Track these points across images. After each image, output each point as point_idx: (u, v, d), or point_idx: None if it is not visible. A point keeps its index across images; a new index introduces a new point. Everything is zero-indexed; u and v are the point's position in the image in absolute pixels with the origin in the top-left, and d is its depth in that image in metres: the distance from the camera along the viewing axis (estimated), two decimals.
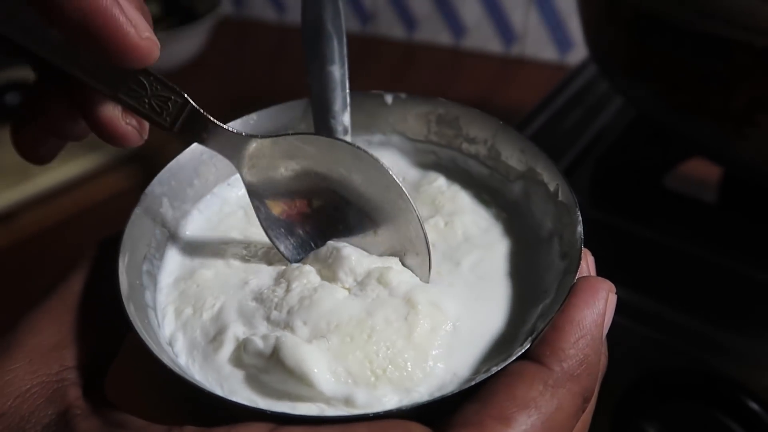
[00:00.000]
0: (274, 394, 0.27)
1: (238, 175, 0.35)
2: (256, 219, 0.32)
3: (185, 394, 0.26)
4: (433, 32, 1.15)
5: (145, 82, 0.28)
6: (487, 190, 0.36)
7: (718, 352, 0.45)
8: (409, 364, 0.27)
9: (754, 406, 0.43)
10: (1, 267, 0.74)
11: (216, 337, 0.29)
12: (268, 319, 0.29)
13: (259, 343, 0.27)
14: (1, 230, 0.77)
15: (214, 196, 0.36)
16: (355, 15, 1.19)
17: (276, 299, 0.30)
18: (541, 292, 0.30)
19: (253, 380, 0.28)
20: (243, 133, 0.30)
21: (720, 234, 0.52)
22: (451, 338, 0.29)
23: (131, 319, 0.26)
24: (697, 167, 0.59)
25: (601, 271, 0.29)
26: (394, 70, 1.13)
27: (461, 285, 0.31)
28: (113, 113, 0.28)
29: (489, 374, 0.24)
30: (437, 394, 0.26)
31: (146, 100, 0.28)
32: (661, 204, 0.56)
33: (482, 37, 1.12)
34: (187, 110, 0.28)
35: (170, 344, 0.30)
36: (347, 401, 0.26)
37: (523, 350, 0.25)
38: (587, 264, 0.28)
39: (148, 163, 0.86)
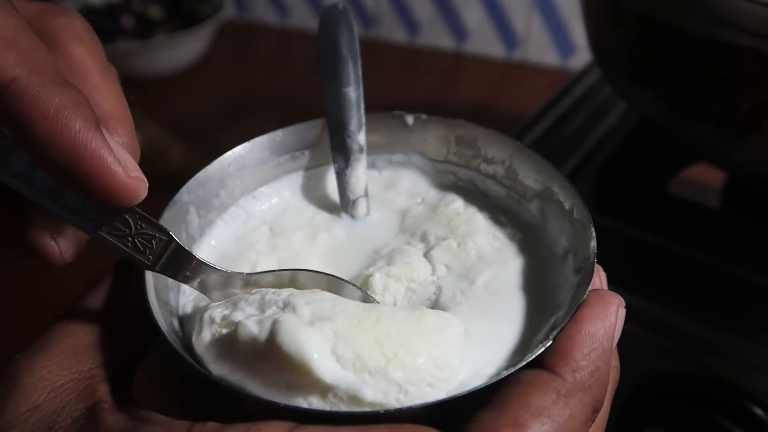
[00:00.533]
0: (267, 382, 0.26)
1: (263, 188, 0.37)
2: (283, 239, 0.34)
3: (206, 392, 0.27)
4: (435, 36, 1.16)
5: (130, 221, 0.27)
6: (503, 211, 0.36)
7: (721, 357, 0.44)
8: (422, 350, 0.27)
9: (758, 411, 0.43)
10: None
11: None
12: (263, 299, 0.28)
13: (253, 327, 0.26)
14: None
15: (238, 207, 0.36)
16: (357, 19, 1.19)
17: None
18: (555, 306, 0.30)
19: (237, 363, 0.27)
20: (228, 270, 0.30)
21: (723, 239, 0.52)
22: (463, 341, 0.28)
23: (156, 319, 0.27)
24: (701, 172, 0.59)
25: (606, 275, 0.30)
26: (396, 74, 1.13)
27: (474, 300, 0.32)
28: (42, 233, 0.28)
29: (501, 377, 0.25)
30: (449, 394, 0.26)
31: (129, 239, 0.28)
32: (664, 209, 0.56)
33: (484, 42, 1.12)
34: (171, 248, 0.28)
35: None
36: (350, 391, 0.25)
37: (536, 354, 0.25)
38: (599, 278, 0.29)
39: (150, 166, 0.86)
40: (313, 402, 0.25)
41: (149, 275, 0.28)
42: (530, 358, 0.25)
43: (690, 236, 0.52)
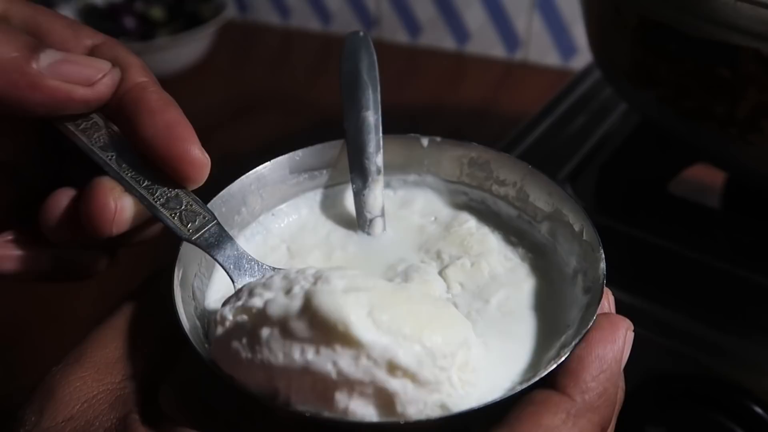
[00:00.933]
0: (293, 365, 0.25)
1: (282, 206, 0.38)
2: (300, 260, 0.36)
3: (234, 404, 0.28)
4: (437, 38, 1.16)
5: (183, 200, 0.32)
6: (514, 232, 0.37)
7: (723, 357, 0.45)
8: (456, 322, 0.27)
9: (759, 410, 0.43)
10: None
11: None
12: (287, 278, 0.28)
13: (282, 300, 0.26)
14: None
15: (258, 224, 0.38)
16: (359, 20, 1.20)
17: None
18: (564, 325, 0.31)
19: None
20: (260, 263, 0.32)
21: (725, 239, 0.52)
22: (478, 352, 0.29)
23: (185, 330, 0.28)
24: (701, 173, 0.59)
25: (609, 274, 0.30)
26: (398, 75, 1.13)
27: (489, 319, 0.33)
28: (105, 194, 0.31)
29: (515, 392, 0.26)
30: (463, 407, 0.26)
31: (177, 213, 0.31)
32: (665, 209, 0.56)
33: (486, 43, 1.13)
34: (212, 225, 0.32)
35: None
36: (386, 353, 0.24)
37: (549, 371, 0.26)
38: (608, 301, 0.30)
39: None
40: (343, 367, 0.24)
41: (178, 289, 0.29)
42: (543, 374, 0.26)
43: (691, 236, 0.52)
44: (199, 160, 0.31)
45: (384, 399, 0.25)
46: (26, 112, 0.29)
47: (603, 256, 0.30)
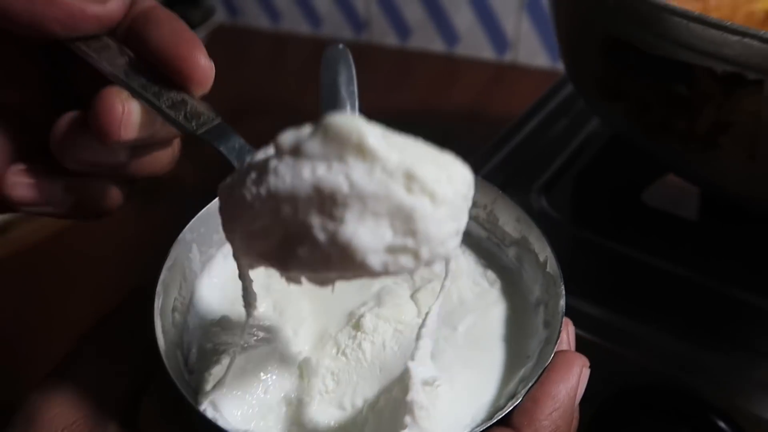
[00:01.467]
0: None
1: None
2: (277, 279, 0.36)
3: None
4: (427, 40, 1.16)
5: (188, 103, 0.32)
6: (484, 254, 0.38)
7: (695, 372, 0.45)
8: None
9: (724, 426, 0.43)
10: None
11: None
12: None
13: (292, 132, 0.24)
14: None
15: None
16: (349, 23, 1.20)
17: None
18: (525, 357, 0.32)
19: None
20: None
21: (696, 250, 0.52)
22: (444, 389, 0.30)
23: (165, 361, 0.28)
24: (676, 183, 0.59)
25: (580, 288, 0.31)
26: (388, 78, 1.14)
27: (456, 348, 0.33)
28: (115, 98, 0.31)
29: None
30: None
31: (182, 114, 0.32)
32: (639, 220, 0.56)
33: (475, 44, 1.13)
34: (216, 123, 0.32)
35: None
36: (402, 165, 0.22)
37: (503, 414, 0.28)
38: (567, 334, 0.32)
39: None
40: (356, 179, 0.22)
41: (158, 316, 0.30)
42: (500, 416, 0.27)
43: (663, 247, 0.52)
44: (204, 63, 0.32)
45: (401, 218, 0.22)
46: (42, 30, 0.31)
47: (563, 292, 0.31)
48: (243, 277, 0.29)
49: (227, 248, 0.37)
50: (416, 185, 0.22)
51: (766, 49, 0.33)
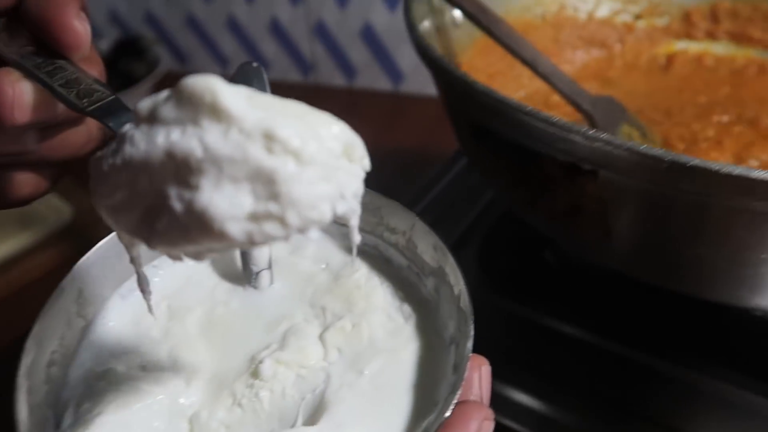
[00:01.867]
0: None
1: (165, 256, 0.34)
2: (178, 322, 0.34)
3: None
4: (372, 79, 1.17)
5: (83, 81, 0.31)
6: (403, 284, 0.37)
7: None
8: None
9: None
10: None
11: None
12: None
13: (149, 98, 0.23)
14: None
15: (133, 281, 0.35)
16: (296, 66, 1.21)
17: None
18: (432, 404, 0.30)
19: None
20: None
21: (596, 313, 0.52)
22: None
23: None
24: None
25: (489, 351, 0.30)
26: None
27: (359, 397, 0.31)
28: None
29: None
30: None
31: (74, 91, 0.31)
32: (540, 278, 0.57)
33: (420, 82, 1.14)
34: (109, 99, 0.31)
35: None
36: (261, 124, 0.21)
37: None
38: (480, 378, 0.30)
39: (80, 237, 0.88)
40: (210, 142, 0.21)
41: (23, 377, 0.28)
42: None
43: (560, 308, 0.52)
44: (76, 25, 0.31)
45: (262, 182, 0.21)
46: None
47: (472, 333, 0.29)
48: (131, 260, 0.27)
49: (126, 287, 0.35)
50: (277, 146, 0.21)
51: (590, 146, 0.34)
